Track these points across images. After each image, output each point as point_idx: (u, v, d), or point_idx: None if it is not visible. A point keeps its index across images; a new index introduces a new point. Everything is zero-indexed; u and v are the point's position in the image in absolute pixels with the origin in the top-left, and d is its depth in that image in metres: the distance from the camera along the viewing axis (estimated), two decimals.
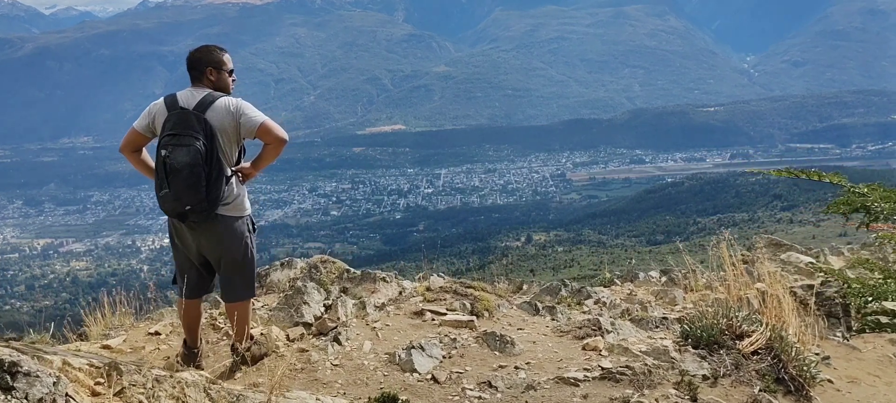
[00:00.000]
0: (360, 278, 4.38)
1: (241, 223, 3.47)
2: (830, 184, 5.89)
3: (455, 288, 4.29)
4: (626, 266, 5.75)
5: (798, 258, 6.53)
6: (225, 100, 3.39)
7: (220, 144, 3.32)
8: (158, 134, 3.34)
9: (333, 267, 4.58)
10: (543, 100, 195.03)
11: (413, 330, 3.85)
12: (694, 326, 3.63)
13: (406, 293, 4.37)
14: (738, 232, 66.77)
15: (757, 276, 5.82)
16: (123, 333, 4.03)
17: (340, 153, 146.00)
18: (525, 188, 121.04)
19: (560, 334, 3.82)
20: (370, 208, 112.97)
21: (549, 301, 4.81)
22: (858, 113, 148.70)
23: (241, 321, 3.54)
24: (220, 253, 3.46)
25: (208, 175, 3.23)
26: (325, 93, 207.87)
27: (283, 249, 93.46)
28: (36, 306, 62.08)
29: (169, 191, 3.23)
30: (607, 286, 5.75)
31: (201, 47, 3.53)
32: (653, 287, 5.79)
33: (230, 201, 3.39)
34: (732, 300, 4.22)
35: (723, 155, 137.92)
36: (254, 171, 3.50)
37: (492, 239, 77.87)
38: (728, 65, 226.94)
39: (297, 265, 4.76)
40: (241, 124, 3.34)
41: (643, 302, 5.22)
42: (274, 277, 4.73)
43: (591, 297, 5.06)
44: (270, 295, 4.56)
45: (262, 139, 3.37)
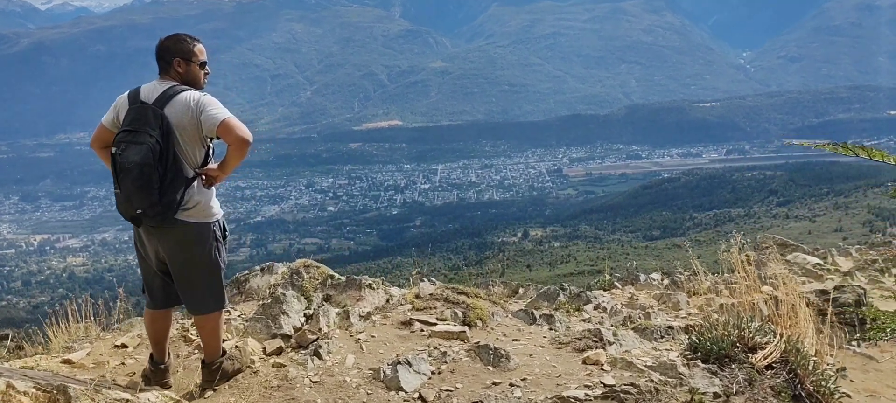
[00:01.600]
0: (345, 284, 4.07)
1: (205, 229, 3.14)
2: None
3: (446, 295, 4.00)
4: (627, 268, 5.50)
5: (805, 258, 6.28)
6: (187, 94, 3.07)
7: (178, 143, 3.00)
8: None
9: (317, 273, 4.27)
10: (540, 96, 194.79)
11: (400, 343, 3.56)
12: (703, 338, 3.36)
13: (394, 300, 4.07)
14: (734, 226, 66.93)
15: (764, 278, 5.57)
16: (88, 345, 3.73)
17: (337, 149, 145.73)
18: (521, 183, 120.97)
19: (559, 346, 3.55)
20: (367, 204, 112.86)
21: (547, 307, 4.54)
22: (854, 108, 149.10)
23: (211, 335, 3.24)
24: (182, 262, 3.14)
25: (162, 176, 2.93)
26: (321, 88, 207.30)
27: (279, 245, 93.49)
28: (32, 302, 61.96)
29: (120, 191, 2.95)
30: (607, 289, 5.49)
31: (171, 36, 3.22)
32: (655, 290, 5.52)
33: (191, 206, 3.07)
34: (743, 307, 3.96)
35: (719, 150, 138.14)
36: (220, 174, 3.16)
37: (488, 235, 77.80)
38: (724, 60, 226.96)
39: (278, 270, 4.44)
40: (202, 121, 3.01)
41: (645, 308, 4.95)
42: (253, 283, 4.41)
43: (590, 302, 4.79)
44: (249, 302, 4.25)
45: (223, 138, 3.04)
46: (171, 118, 2.99)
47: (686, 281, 5.52)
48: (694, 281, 5.57)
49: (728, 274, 6.58)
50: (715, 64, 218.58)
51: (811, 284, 5.72)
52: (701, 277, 5.62)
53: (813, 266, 6.02)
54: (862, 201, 63.92)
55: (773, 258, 6.59)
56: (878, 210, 59.34)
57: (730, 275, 6.07)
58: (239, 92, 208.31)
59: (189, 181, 3.06)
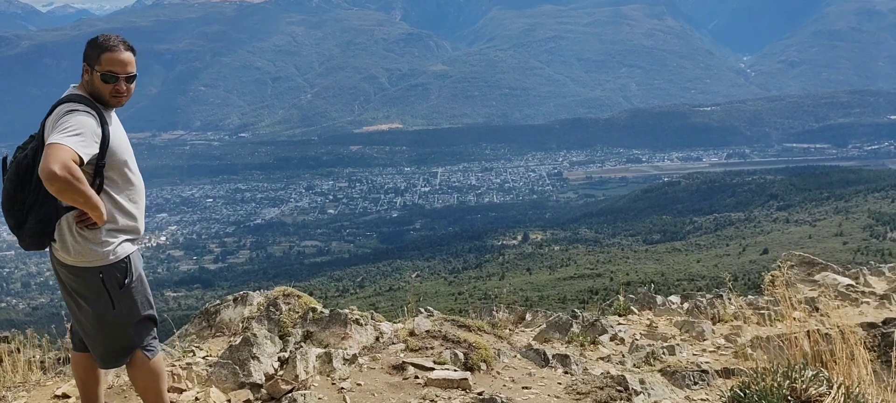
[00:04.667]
0: (328, 319, 3.50)
1: (89, 275, 2.55)
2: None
3: (445, 332, 3.46)
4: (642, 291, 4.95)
5: (835, 278, 5.78)
6: (61, 106, 2.59)
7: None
8: None
9: (297, 304, 3.70)
10: (540, 100, 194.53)
11: (391, 393, 3.03)
12: (748, 391, 2.84)
13: (384, 338, 3.51)
14: (735, 231, 66.55)
15: (796, 303, 5.06)
16: (24, 394, 3.19)
17: (337, 151, 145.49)
18: (522, 187, 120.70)
19: (577, 396, 3.03)
20: (367, 206, 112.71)
21: (559, 340, 4.03)
22: (854, 113, 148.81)
23: (147, 391, 2.67)
24: (72, 304, 2.62)
25: (25, 197, 2.46)
26: (322, 91, 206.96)
27: (279, 247, 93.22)
28: (32, 303, 61.61)
29: None
30: (623, 315, 4.98)
31: (97, 36, 2.72)
32: (675, 316, 5.01)
33: (63, 243, 2.52)
34: (793, 353, 3.43)
35: (719, 154, 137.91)
36: (90, 215, 2.51)
37: (488, 238, 77.54)
38: (725, 65, 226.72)
39: (254, 300, 3.84)
40: None
41: (667, 338, 4.45)
42: (224, 315, 3.83)
43: (606, 332, 4.28)
44: (219, 338, 3.68)
45: None
46: (45, 132, 2.52)
47: (708, 306, 5.01)
48: (717, 305, 5.06)
49: (752, 295, 6.10)
50: (715, 68, 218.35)
51: (845, 309, 5.21)
52: (725, 301, 5.12)
53: (845, 287, 5.52)
54: (862, 205, 63.51)
55: (800, 278, 6.10)
56: (878, 214, 58.94)
57: (755, 298, 5.58)
58: (240, 94, 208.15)
59: (60, 211, 2.51)
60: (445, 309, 24.77)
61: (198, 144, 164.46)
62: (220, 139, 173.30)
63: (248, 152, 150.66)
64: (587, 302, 39.09)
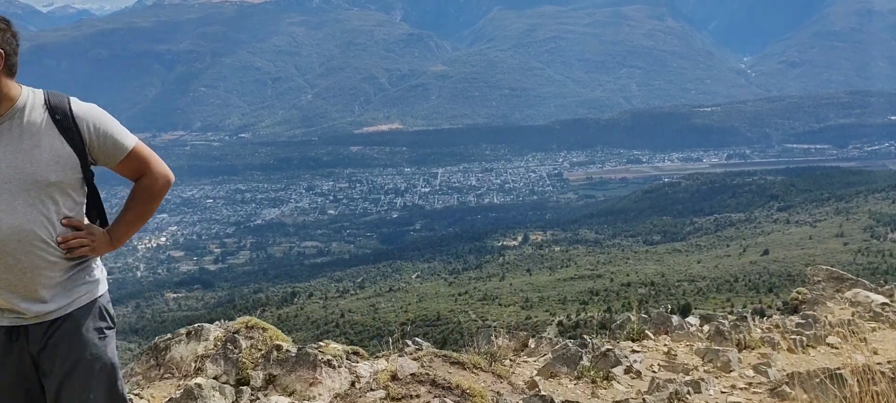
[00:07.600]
0: (296, 359, 2.88)
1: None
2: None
3: (433, 376, 2.88)
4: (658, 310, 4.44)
5: (867, 297, 5.25)
6: (90, 104, 2.35)
7: None
8: None
9: (261, 339, 3.07)
10: (541, 100, 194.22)
11: None
12: None
13: (361, 383, 2.89)
14: (735, 231, 66.07)
15: (833, 328, 4.54)
16: None
17: (338, 152, 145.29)
18: (522, 187, 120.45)
19: None
20: (367, 207, 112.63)
21: (567, 374, 3.50)
22: (855, 113, 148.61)
23: None
24: None
25: None
26: (322, 92, 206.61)
27: (279, 248, 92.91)
28: None
29: None
30: (637, 339, 4.45)
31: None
32: (695, 341, 4.48)
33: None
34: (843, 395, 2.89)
35: (719, 155, 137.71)
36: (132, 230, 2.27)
37: (489, 239, 77.30)
38: (725, 65, 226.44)
39: (210, 335, 3.19)
40: None
41: (689, 369, 3.92)
42: (175, 353, 3.18)
43: (620, 363, 3.75)
44: (167, 381, 3.06)
45: None
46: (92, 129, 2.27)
47: (732, 330, 4.48)
48: (741, 328, 4.53)
49: (778, 315, 5.58)
50: (715, 69, 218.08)
51: (884, 332, 4.68)
52: (750, 324, 4.59)
53: (880, 306, 5.00)
54: (863, 206, 63.13)
55: (829, 295, 5.59)
56: (879, 215, 58.58)
57: (782, 318, 5.06)
58: (240, 95, 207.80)
59: None
60: (446, 310, 24.14)
61: (198, 145, 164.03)
62: (221, 139, 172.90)
63: (249, 153, 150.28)
64: (587, 303, 38.51)
